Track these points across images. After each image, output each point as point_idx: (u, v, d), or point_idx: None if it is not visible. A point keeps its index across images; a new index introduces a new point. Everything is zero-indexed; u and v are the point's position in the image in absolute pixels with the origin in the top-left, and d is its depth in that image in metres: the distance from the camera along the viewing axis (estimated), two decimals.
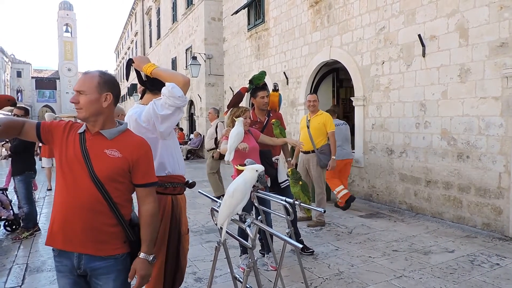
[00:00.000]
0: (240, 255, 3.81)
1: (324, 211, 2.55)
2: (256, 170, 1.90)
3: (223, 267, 3.58)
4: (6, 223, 5.32)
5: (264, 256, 3.89)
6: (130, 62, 2.27)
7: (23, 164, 4.94)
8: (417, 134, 5.76)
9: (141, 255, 1.73)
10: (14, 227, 5.35)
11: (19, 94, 55.16)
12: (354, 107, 7.16)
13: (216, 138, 7.07)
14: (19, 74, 55.30)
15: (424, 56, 5.56)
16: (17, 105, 5.37)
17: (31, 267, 3.92)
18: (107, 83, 1.73)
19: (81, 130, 1.76)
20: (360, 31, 6.79)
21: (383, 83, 6.35)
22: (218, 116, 7.46)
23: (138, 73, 2.34)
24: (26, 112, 4.92)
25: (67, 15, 57.53)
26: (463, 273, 3.51)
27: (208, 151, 7.30)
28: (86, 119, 1.72)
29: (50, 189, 8.46)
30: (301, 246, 1.77)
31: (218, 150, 6.99)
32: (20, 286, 3.48)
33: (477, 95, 4.88)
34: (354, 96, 7.08)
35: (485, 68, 4.77)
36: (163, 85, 2.09)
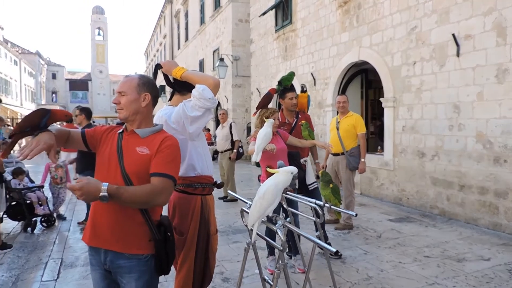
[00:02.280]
0: (267, 257, 3.80)
1: (356, 215, 2.50)
2: (291, 173, 1.89)
3: (250, 267, 3.58)
4: (43, 219, 5.54)
5: (291, 258, 3.87)
6: (158, 67, 2.31)
7: (84, 163, 5.14)
8: (450, 136, 5.57)
9: (104, 183, 1.52)
10: (49, 223, 5.57)
11: (54, 95, 57.46)
12: (383, 108, 7.02)
13: (232, 139, 7.06)
14: (54, 76, 57.59)
15: (458, 56, 5.38)
16: (77, 106, 5.68)
17: (65, 262, 4.05)
18: (146, 84, 1.82)
19: (120, 130, 1.86)
20: (390, 31, 6.65)
21: (415, 84, 6.19)
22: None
23: (166, 76, 2.38)
24: (87, 114, 5.28)
25: (99, 19, 59.42)
26: (500, 283, 3.36)
27: (222, 152, 7.17)
28: (126, 119, 1.80)
29: None
30: (334, 250, 1.74)
31: (235, 151, 7.03)
32: (56, 280, 3.61)
33: None
34: (383, 97, 6.94)
35: None
36: (192, 86, 2.12)
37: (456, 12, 5.41)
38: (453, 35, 5.36)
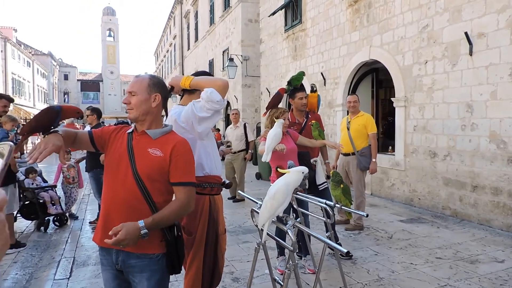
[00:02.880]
0: (277, 257, 3.79)
1: (367, 215, 2.48)
2: (302, 172, 1.88)
3: (260, 267, 3.58)
4: (55, 219, 5.61)
5: (301, 258, 3.85)
6: (170, 90, 2.31)
7: (92, 162, 5.22)
8: (463, 136, 5.50)
9: (140, 222, 1.61)
10: (62, 222, 5.64)
11: (65, 96, 58.24)
12: (394, 108, 6.95)
13: (246, 139, 7.02)
14: (66, 77, 58.38)
15: (471, 55, 5.30)
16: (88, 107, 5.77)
17: (77, 261, 4.10)
18: (156, 85, 1.82)
19: (129, 130, 1.85)
20: (401, 29, 6.58)
21: (426, 83, 6.12)
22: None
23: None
24: (98, 114, 5.36)
25: (110, 20, 60.00)
26: None
27: (235, 153, 6.99)
28: (136, 119, 1.79)
29: None
30: (345, 251, 1.73)
31: (250, 151, 6.99)
32: (68, 278, 3.65)
33: None
34: (394, 97, 6.87)
35: None
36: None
37: (468, 10, 5.33)
38: (466, 33, 5.28)
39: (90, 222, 5.62)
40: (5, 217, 0.58)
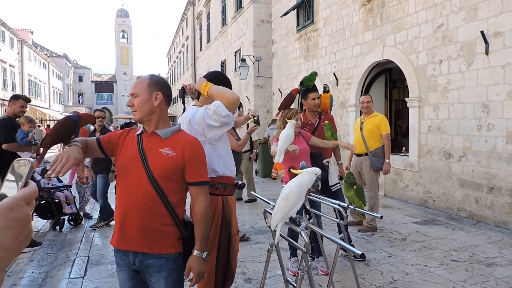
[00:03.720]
0: (290, 258, 3.78)
1: (381, 217, 2.45)
2: (315, 174, 1.87)
3: (272, 268, 3.57)
4: (70, 218, 5.70)
5: (313, 259, 3.83)
6: (184, 91, 2.36)
7: (101, 166, 5.32)
8: (479, 137, 5.40)
9: (195, 252, 1.75)
10: (77, 222, 5.72)
11: (80, 97, 59.14)
12: (408, 108, 6.87)
13: (250, 139, 7.03)
14: (80, 79, 59.27)
15: (487, 54, 5.20)
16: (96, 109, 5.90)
17: (92, 260, 4.16)
18: (157, 83, 1.82)
19: (138, 132, 1.86)
20: (415, 29, 6.50)
21: (441, 83, 6.03)
22: None
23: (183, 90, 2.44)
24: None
25: (124, 22, 60.72)
26: None
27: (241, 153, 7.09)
28: (141, 120, 1.80)
29: None
30: (360, 252, 1.72)
31: (255, 151, 6.99)
32: (83, 277, 3.71)
33: None
34: (408, 97, 6.79)
35: None
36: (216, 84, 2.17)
37: (485, 9, 5.24)
38: (482, 32, 5.19)
39: (90, 227, 5.58)
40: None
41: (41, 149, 2.08)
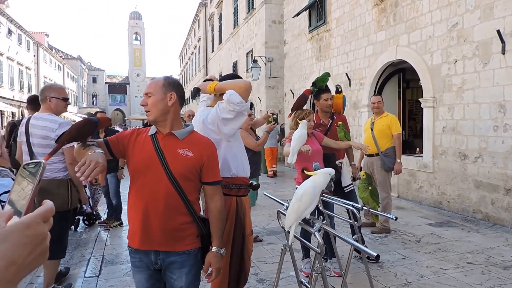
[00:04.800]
0: (302, 259, 3.77)
1: (396, 218, 2.43)
2: (329, 174, 1.87)
3: (284, 269, 3.56)
4: (85, 218, 5.78)
5: (326, 261, 3.82)
6: (197, 91, 2.39)
7: (114, 164, 5.37)
8: (495, 137, 5.30)
9: (214, 249, 1.82)
10: (91, 221, 5.80)
11: (94, 98, 59.95)
12: (422, 108, 6.79)
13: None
14: (94, 80, 60.09)
15: (503, 54, 5.11)
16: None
17: (106, 259, 4.21)
18: (171, 84, 1.83)
19: (151, 132, 1.85)
20: (430, 28, 6.43)
21: (456, 83, 5.95)
22: None
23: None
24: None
25: (137, 24, 61.38)
26: None
27: None
28: (155, 120, 1.80)
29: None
30: (375, 254, 1.71)
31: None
32: (98, 276, 3.76)
33: None
34: (422, 98, 6.71)
35: None
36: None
37: (501, 7, 5.15)
38: (498, 31, 5.10)
39: (99, 223, 5.69)
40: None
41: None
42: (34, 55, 33.16)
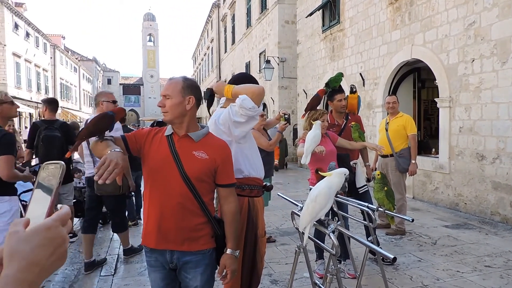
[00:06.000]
0: (316, 260, 3.75)
1: (412, 220, 2.39)
2: (344, 175, 1.85)
3: (298, 270, 3.54)
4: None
5: (340, 262, 3.78)
6: (211, 93, 2.37)
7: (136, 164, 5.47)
8: None
9: (228, 251, 1.82)
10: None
11: None
12: (437, 109, 6.68)
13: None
14: (109, 82, 60.90)
15: None
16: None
17: (121, 258, 4.26)
18: (190, 87, 1.81)
19: (167, 132, 1.85)
20: (446, 27, 6.32)
21: (473, 83, 5.83)
22: None
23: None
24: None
25: (150, 25, 61.94)
26: None
27: None
28: (172, 121, 1.81)
29: None
30: (392, 256, 1.68)
31: None
32: (113, 275, 3.81)
33: None
34: (438, 97, 6.61)
35: None
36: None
37: None
38: None
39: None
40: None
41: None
42: (51, 57, 33.79)
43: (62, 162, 0.66)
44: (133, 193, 5.50)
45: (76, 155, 6.20)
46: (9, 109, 3.00)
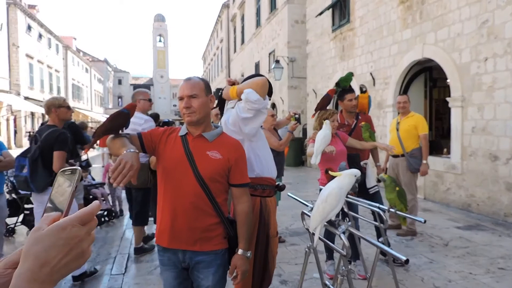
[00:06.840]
0: (326, 261, 3.73)
1: (424, 221, 2.36)
2: (355, 175, 1.84)
3: (308, 271, 3.52)
4: (105, 214, 5.92)
5: (350, 263, 3.76)
6: (217, 93, 2.40)
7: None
8: None
9: (240, 251, 1.81)
10: (111, 217, 5.96)
11: (119, 99, 61.33)
12: (449, 108, 6.60)
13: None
14: (120, 82, 61.52)
15: None
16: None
17: (131, 257, 4.29)
18: (208, 86, 1.86)
19: (182, 133, 1.85)
20: (458, 26, 6.24)
21: (486, 82, 5.74)
22: None
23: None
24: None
25: (161, 26, 62.39)
26: None
27: None
28: (198, 122, 1.80)
29: None
30: (404, 258, 1.66)
31: None
32: (123, 274, 3.84)
33: None
34: (450, 97, 6.52)
35: None
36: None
37: None
38: None
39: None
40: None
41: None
42: (63, 58, 34.24)
43: (79, 168, 0.66)
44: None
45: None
46: (65, 112, 3.45)
